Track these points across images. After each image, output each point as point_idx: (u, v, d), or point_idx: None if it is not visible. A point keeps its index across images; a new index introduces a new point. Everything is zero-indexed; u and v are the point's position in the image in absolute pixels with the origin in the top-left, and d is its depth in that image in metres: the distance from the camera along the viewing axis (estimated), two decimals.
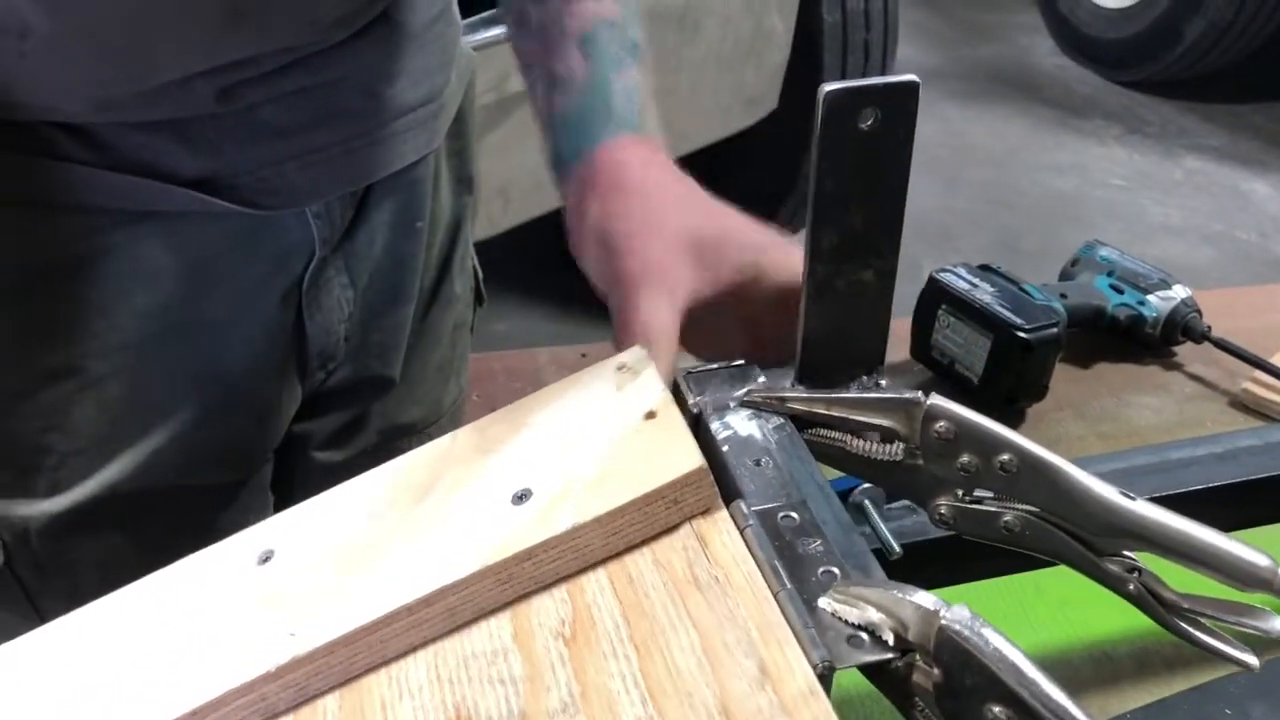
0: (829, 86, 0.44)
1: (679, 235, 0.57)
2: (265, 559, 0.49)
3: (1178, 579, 0.48)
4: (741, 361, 0.56)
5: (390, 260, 0.76)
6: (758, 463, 0.49)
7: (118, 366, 0.64)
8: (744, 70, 2.26)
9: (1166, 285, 1.08)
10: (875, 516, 0.59)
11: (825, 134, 0.46)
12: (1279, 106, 3.79)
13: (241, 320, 0.68)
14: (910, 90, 0.46)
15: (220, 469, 0.72)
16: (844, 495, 0.60)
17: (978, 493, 0.50)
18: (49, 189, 0.60)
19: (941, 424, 0.48)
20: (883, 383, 0.54)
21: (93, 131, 0.59)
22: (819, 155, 0.46)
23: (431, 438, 0.86)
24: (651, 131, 0.64)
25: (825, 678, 0.37)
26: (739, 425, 0.52)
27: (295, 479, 0.79)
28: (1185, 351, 1.08)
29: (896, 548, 0.58)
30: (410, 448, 0.85)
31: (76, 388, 0.64)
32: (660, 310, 0.54)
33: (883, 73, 2.54)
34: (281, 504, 0.77)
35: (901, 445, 0.50)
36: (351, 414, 0.81)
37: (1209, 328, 1.06)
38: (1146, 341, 1.07)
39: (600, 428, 0.48)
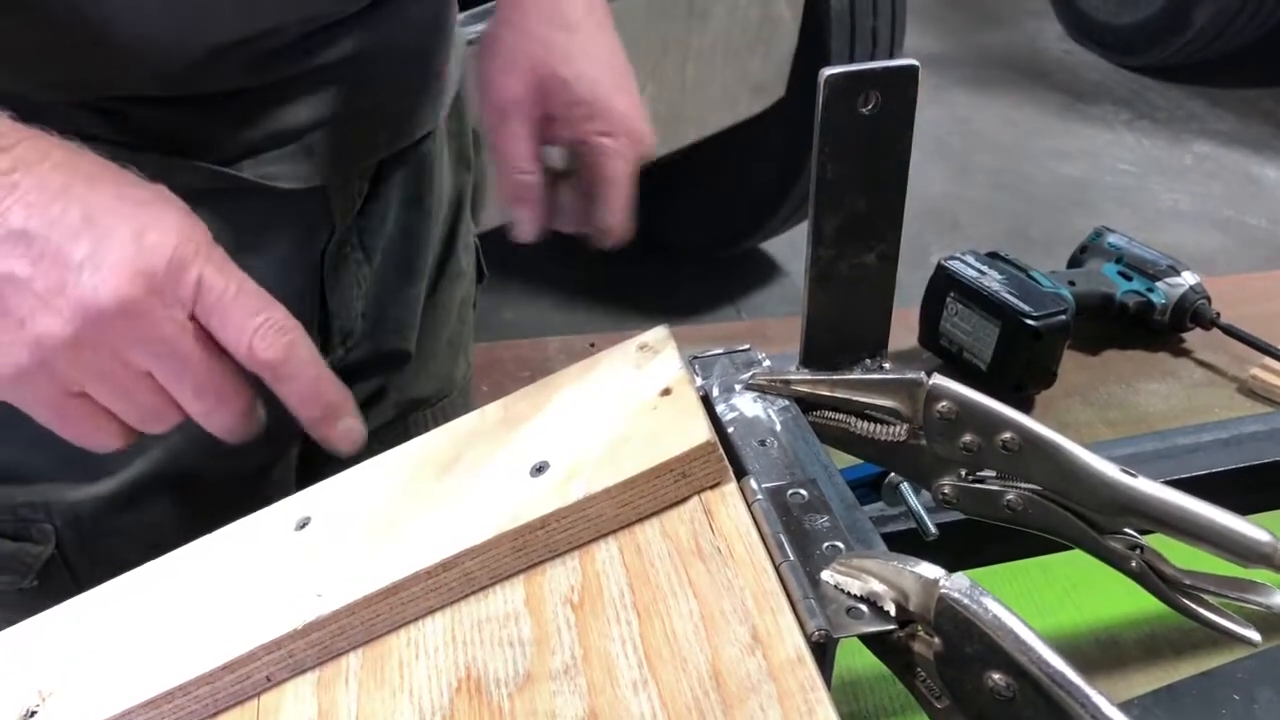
0: (830, 71, 0.45)
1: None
2: (303, 525, 0.51)
3: (1180, 556, 0.49)
4: (747, 346, 0.56)
5: (402, 235, 0.78)
6: (763, 443, 0.50)
7: None
8: (751, 58, 2.26)
9: (1175, 272, 1.08)
10: (913, 498, 0.60)
11: (827, 118, 0.46)
12: None
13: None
14: (910, 74, 0.46)
15: (258, 446, 0.73)
16: (878, 479, 0.61)
17: (981, 472, 0.50)
18: None
19: (944, 404, 0.49)
20: (886, 365, 0.55)
21: (122, 111, 0.60)
22: (821, 139, 0.47)
23: (444, 412, 0.89)
24: None
25: (822, 645, 0.38)
26: (745, 407, 0.53)
27: (316, 453, 0.81)
28: (1194, 338, 1.09)
29: (933, 528, 0.58)
30: (425, 421, 0.87)
31: None
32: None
33: (891, 59, 2.53)
34: (305, 477, 0.78)
35: (905, 426, 0.51)
36: (369, 389, 0.83)
37: (1217, 314, 1.06)
38: (1155, 328, 1.08)
39: (618, 403, 0.49)
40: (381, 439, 0.58)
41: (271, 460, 0.75)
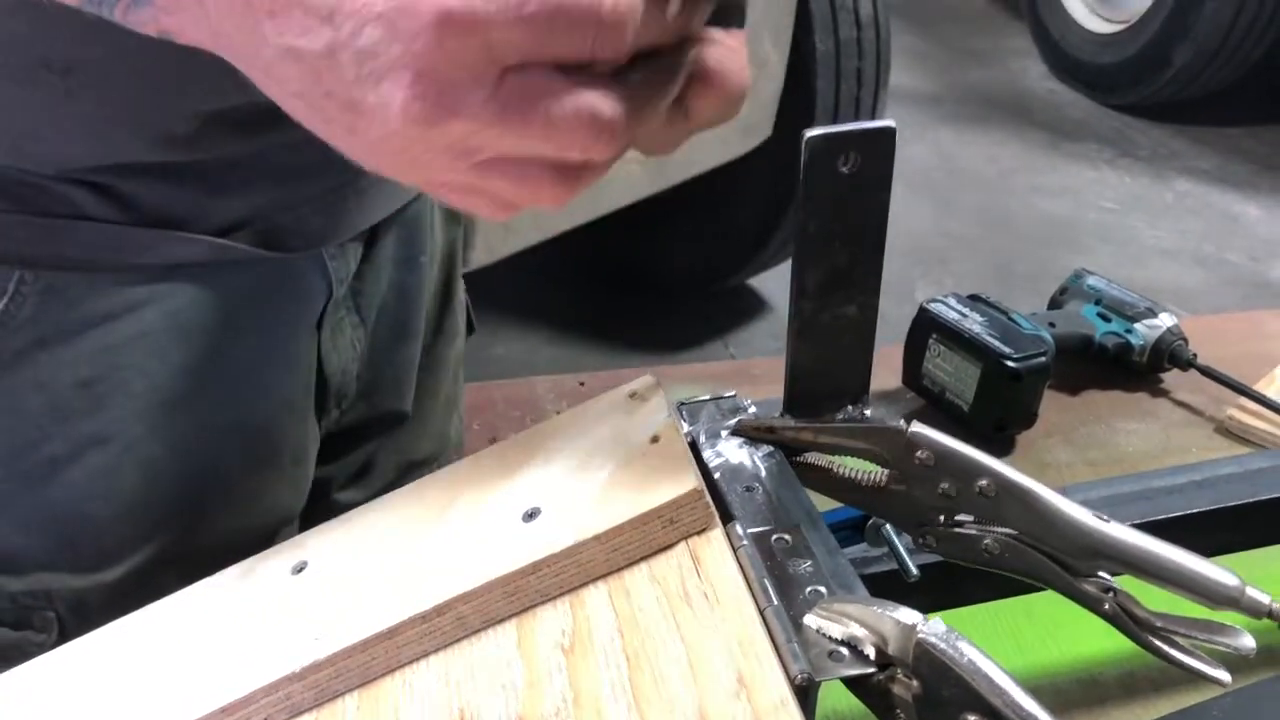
0: (811, 132, 0.47)
1: None
2: (299, 569, 0.52)
3: (1153, 598, 0.51)
4: (733, 393, 0.58)
5: (396, 295, 0.78)
6: (748, 489, 0.52)
7: (156, 425, 0.65)
8: None
9: (1153, 314, 1.11)
10: (895, 540, 0.62)
11: (808, 177, 0.48)
12: (1268, 130, 3.83)
13: (269, 366, 0.69)
14: (887, 135, 0.48)
15: (263, 519, 0.72)
16: (862, 521, 0.63)
17: (959, 517, 0.52)
18: (79, 249, 0.61)
19: (922, 451, 0.50)
20: (867, 412, 0.56)
21: (117, 189, 0.60)
22: (804, 197, 0.49)
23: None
24: None
25: (805, 689, 0.39)
26: (730, 453, 0.54)
27: (319, 521, 0.81)
28: (1171, 378, 1.11)
29: (914, 569, 0.60)
30: None
31: (118, 451, 0.64)
32: None
33: (875, 99, 2.57)
34: None
35: (886, 472, 0.52)
36: (367, 452, 0.83)
37: (1194, 355, 1.08)
38: (1134, 369, 1.10)
39: (608, 451, 0.51)
40: None
41: (275, 529, 0.74)
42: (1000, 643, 0.80)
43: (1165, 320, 1.10)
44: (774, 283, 2.85)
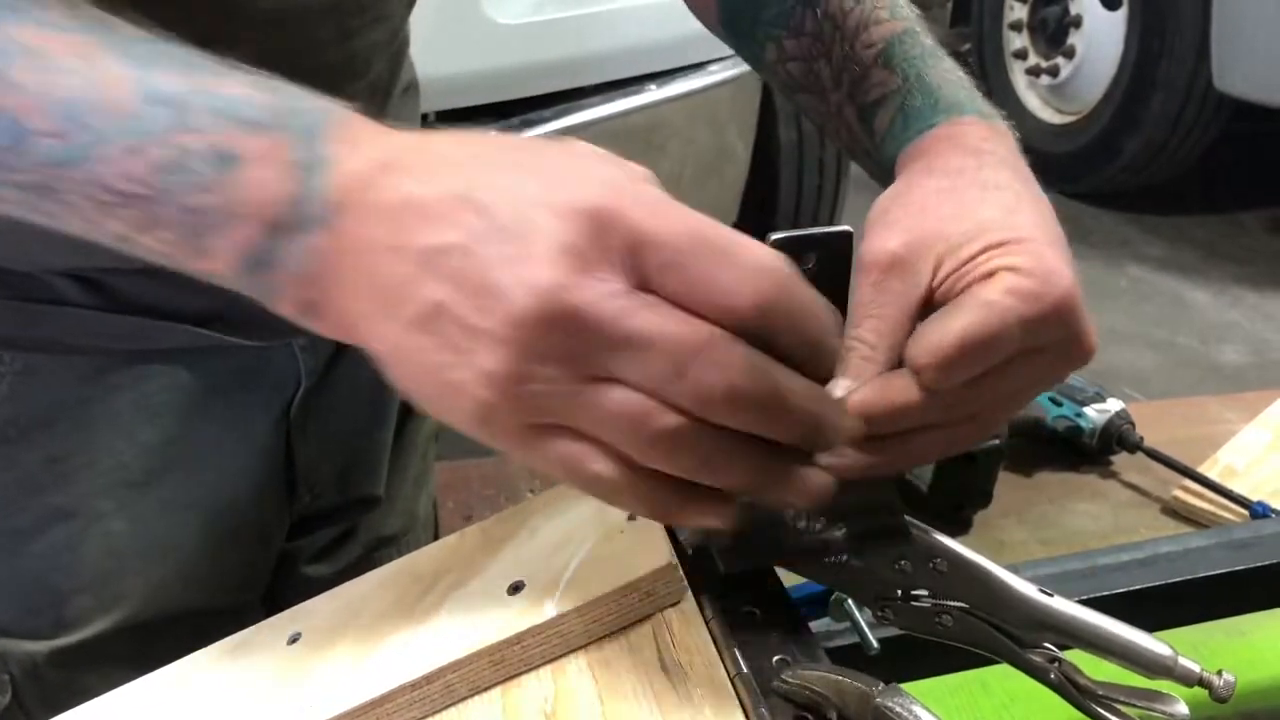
0: (774, 235, 0.51)
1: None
2: (293, 640, 0.54)
3: (1096, 668, 0.54)
4: None
5: (370, 385, 0.79)
6: None
7: (122, 502, 0.67)
8: (706, 186, 2.37)
9: (1101, 399, 1.16)
10: (857, 615, 0.65)
11: None
12: (1215, 219, 3.96)
13: (237, 450, 0.72)
14: (845, 238, 0.52)
15: (223, 594, 0.74)
16: (825, 596, 0.66)
17: (915, 591, 0.55)
18: (59, 333, 0.63)
19: None
20: None
21: (99, 281, 0.63)
22: None
23: (410, 547, 0.91)
24: (993, 116, 0.59)
25: None
26: None
27: (286, 593, 0.82)
28: (1120, 461, 1.16)
29: (875, 643, 0.63)
30: (391, 557, 0.89)
31: (82, 526, 0.66)
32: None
33: (837, 187, 2.66)
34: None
35: (847, 550, 0.56)
36: (339, 530, 0.84)
37: (1141, 439, 1.14)
38: (1084, 451, 1.15)
39: (588, 528, 0.54)
40: (350, 577, 0.60)
41: (237, 604, 0.75)
42: (959, 716, 0.83)
43: (1113, 405, 1.15)
44: None
